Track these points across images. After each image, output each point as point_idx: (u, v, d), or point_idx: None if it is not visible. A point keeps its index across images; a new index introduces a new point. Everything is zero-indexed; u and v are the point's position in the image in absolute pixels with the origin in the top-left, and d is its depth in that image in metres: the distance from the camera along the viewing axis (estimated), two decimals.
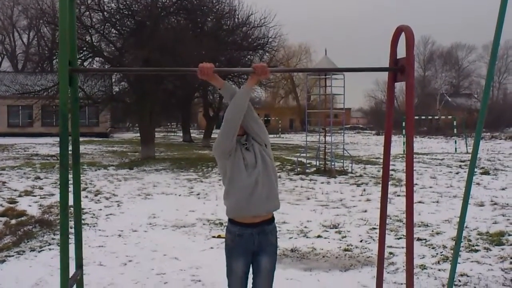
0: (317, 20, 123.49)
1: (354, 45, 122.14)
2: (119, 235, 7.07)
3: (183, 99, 29.07)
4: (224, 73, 15.48)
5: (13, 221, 7.54)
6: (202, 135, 33.30)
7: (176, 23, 20.25)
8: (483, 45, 64.25)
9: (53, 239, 6.70)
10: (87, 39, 18.07)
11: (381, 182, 3.49)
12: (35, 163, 16.90)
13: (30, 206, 8.86)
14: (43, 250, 6.22)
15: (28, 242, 6.55)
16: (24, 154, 21.72)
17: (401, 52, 3.23)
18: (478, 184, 11.95)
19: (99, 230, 7.38)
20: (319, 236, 7.02)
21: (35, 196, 9.98)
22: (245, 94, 3.13)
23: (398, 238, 6.78)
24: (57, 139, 2.98)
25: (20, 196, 9.85)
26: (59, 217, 3.20)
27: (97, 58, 18.92)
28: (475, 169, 11.72)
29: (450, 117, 33.83)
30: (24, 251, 6.14)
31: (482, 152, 22.14)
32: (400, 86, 41.25)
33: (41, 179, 12.51)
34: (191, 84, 21.37)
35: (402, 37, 3.18)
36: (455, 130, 26.78)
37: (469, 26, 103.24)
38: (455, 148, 24.57)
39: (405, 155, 3.12)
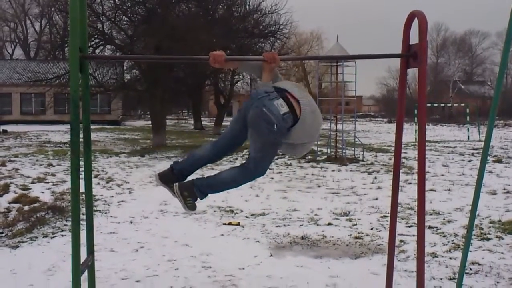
0: (329, 7, 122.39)
1: (367, 31, 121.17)
2: (131, 222, 7.13)
3: (194, 87, 29.08)
4: (234, 61, 15.41)
5: (26, 208, 7.61)
6: (213, 123, 33.33)
7: (187, 10, 20.21)
8: (496, 32, 63.34)
9: (65, 225, 6.76)
10: (98, 27, 18.11)
11: (392, 170, 3.46)
12: (47, 150, 17.04)
13: (42, 192, 8.94)
14: (55, 236, 6.28)
15: (40, 228, 6.62)
16: (37, 141, 21.89)
17: (414, 38, 3.20)
18: (490, 172, 11.86)
19: (111, 216, 7.44)
20: (329, 224, 7.02)
21: (47, 183, 10.07)
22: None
23: (409, 226, 6.76)
24: (69, 126, 3.00)
25: (33, 183, 9.93)
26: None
27: (108, 46, 18.97)
28: (488, 157, 11.64)
29: (463, 104, 33.52)
30: (37, 237, 6.21)
31: (495, 140, 21.95)
32: (412, 73, 41.01)
33: (54, 166, 12.61)
34: (202, 71, 21.37)
35: (415, 23, 3.15)
36: (468, 117, 26.56)
37: (483, 13, 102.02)
38: (468, 136, 24.38)
39: (417, 143, 3.10)
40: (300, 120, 3.26)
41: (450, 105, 41.09)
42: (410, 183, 10.23)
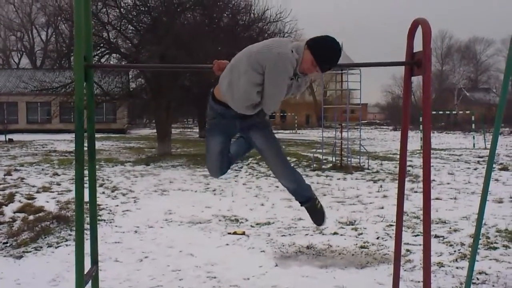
0: (333, 14, 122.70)
1: (371, 39, 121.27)
2: (136, 231, 7.11)
3: (199, 95, 29.09)
4: None
5: (31, 217, 7.61)
6: None
7: (192, 18, 20.29)
8: (501, 39, 63.40)
9: (70, 235, 6.75)
10: (104, 36, 18.21)
11: (398, 178, 3.44)
12: (53, 159, 17.08)
13: (47, 202, 8.94)
14: (60, 246, 6.27)
15: (45, 238, 6.61)
16: (43, 150, 21.96)
17: (418, 46, 3.18)
18: (496, 180, 11.79)
19: (116, 226, 7.42)
20: (335, 233, 6.97)
21: (52, 192, 10.07)
22: None
23: (415, 235, 6.71)
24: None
25: (38, 192, 9.94)
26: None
27: (114, 55, 19.06)
28: (494, 165, 11.58)
29: (468, 112, 33.47)
30: (41, 247, 6.20)
31: (501, 147, 21.86)
32: (417, 81, 40.95)
33: (59, 175, 12.63)
34: (207, 80, 21.45)
35: (419, 31, 3.13)
36: (473, 125, 26.48)
37: (488, 20, 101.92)
38: (473, 144, 24.29)
39: (422, 151, 3.08)
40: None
41: (455, 112, 41.06)
42: (416, 192, 10.18)
